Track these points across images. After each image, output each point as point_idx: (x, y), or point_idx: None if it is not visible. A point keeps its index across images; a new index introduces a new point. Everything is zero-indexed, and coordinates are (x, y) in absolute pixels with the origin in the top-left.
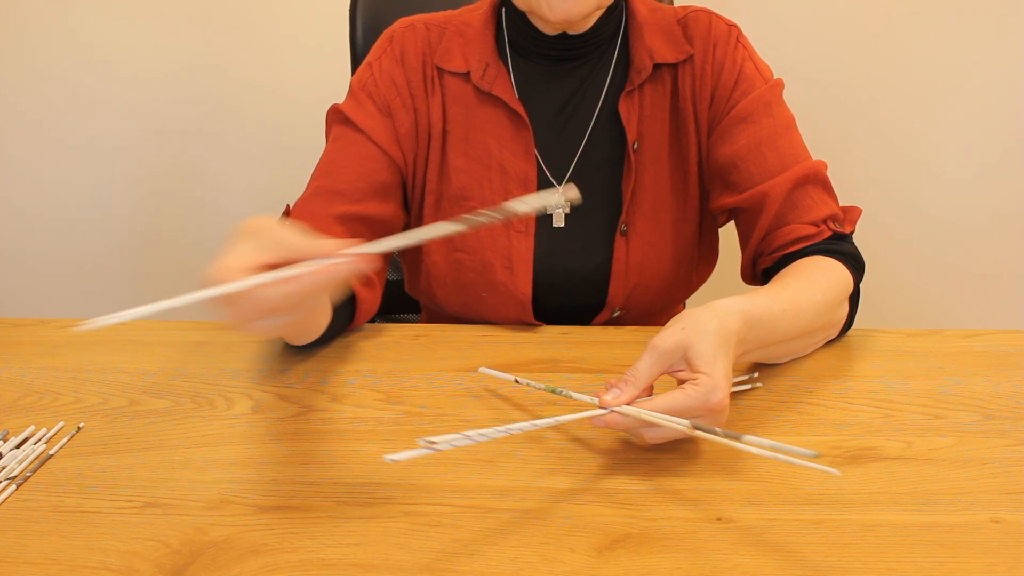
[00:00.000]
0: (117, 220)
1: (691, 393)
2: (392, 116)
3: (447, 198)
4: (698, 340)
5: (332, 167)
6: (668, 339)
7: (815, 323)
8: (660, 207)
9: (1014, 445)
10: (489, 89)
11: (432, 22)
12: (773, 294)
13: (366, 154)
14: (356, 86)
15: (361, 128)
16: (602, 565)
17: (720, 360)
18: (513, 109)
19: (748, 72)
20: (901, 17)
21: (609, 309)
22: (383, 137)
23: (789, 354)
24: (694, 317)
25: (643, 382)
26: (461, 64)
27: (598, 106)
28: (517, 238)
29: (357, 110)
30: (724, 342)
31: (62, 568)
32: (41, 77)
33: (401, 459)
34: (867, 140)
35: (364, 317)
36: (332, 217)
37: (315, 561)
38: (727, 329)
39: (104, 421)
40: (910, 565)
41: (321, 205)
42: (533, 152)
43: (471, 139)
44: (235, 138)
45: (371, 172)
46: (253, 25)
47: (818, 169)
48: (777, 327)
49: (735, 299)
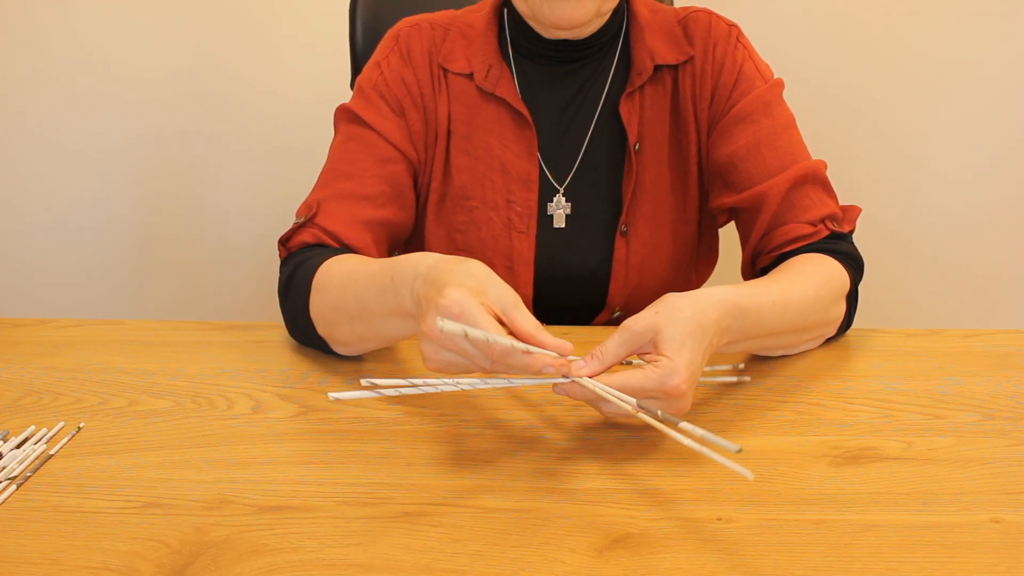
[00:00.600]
0: (117, 220)
1: (649, 374)
2: (405, 116)
3: (449, 197)
4: (668, 325)
5: (352, 169)
6: (639, 321)
7: (807, 318)
8: (660, 208)
9: (1014, 445)
10: (492, 90)
11: (436, 22)
12: (762, 285)
13: (385, 156)
14: (366, 85)
15: (376, 129)
16: (602, 565)
17: (687, 347)
18: (516, 110)
19: (748, 72)
20: (901, 17)
21: (609, 309)
22: (398, 137)
23: (782, 348)
24: (670, 302)
25: (609, 359)
26: (464, 65)
27: (599, 107)
28: (518, 238)
29: (370, 110)
30: (697, 330)
31: (62, 568)
32: (41, 78)
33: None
34: (867, 140)
35: None
36: (362, 224)
37: (315, 561)
38: (703, 317)
39: (104, 421)
40: (910, 565)
41: (349, 210)
42: (536, 153)
43: (473, 139)
44: (235, 138)
45: (392, 175)
46: (253, 25)
47: (817, 169)
48: (764, 318)
49: (722, 288)
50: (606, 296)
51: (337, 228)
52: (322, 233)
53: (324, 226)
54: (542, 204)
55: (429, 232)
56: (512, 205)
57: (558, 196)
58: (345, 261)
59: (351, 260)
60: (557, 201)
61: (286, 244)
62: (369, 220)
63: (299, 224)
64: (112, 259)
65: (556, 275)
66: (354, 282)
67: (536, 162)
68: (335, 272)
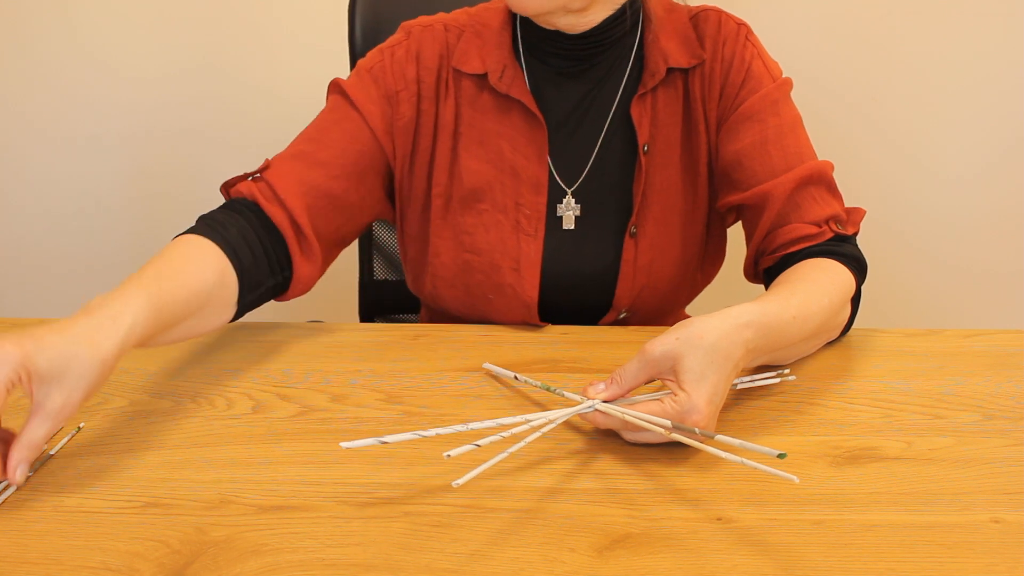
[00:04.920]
0: (117, 220)
1: (667, 408)
2: (393, 107)
3: (457, 200)
4: (688, 354)
5: (320, 135)
6: (658, 346)
7: (821, 327)
8: (670, 209)
9: (1014, 445)
10: (507, 91)
11: (452, 24)
12: (783, 300)
13: (357, 134)
14: (363, 67)
15: (358, 108)
16: (602, 565)
17: (708, 380)
18: (530, 111)
19: (756, 70)
20: (902, 17)
21: (615, 311)
22: (378, 123)
23: (793, 356)
24: (692, 328)
25: (628, 384)
26: (478, 65)
27: (612, 109)
28: (526, 241)
29: (358, 90)
30: (720, 358)
31: (62, 568)
32: (41, 78)
33: (353, 447)
34: (868, 140)
35: (297, 289)
36: (302, 186)
37: (315, 561)
38: (729, 342)
39: (104, 421)
40: (910, 565)
41: (298, 169)
42: (546, 156)
43: (484, 142)
44: (235, 138)
45: (356, 153)
46: (252, 25)
47: (823, 169)
48: (787, 333)
49: (746, 308)
50: (612, 297)
51: (278, 183)
52: (265, 186)
53: (268, 179)
54: (551, 206)
55: (434, 234)
56: (521, 208)
57: (567, 198)
58: (187, 249)
59: (182, 250)
60: (567, 203)
61: (227, 189)
62: (315, 186)
63: (248, 174)
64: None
65: (563, 277)
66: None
67: (546, 165)
68: (169, 251)
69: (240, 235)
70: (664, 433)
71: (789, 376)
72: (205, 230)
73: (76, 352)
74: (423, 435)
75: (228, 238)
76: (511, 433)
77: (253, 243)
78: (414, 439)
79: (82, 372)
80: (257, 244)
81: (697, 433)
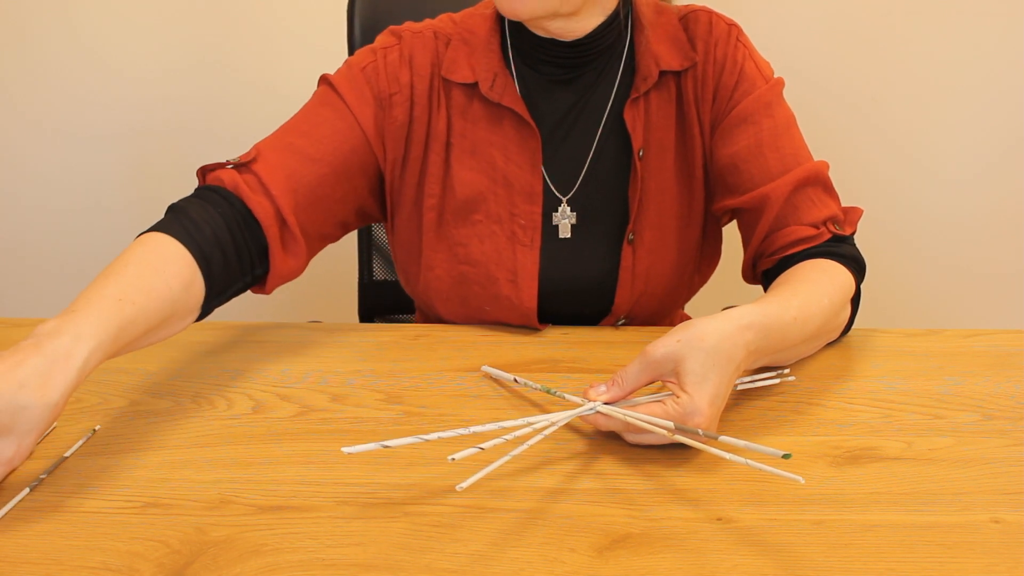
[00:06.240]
0: (117, 219)
1: (669, 410)
2: (385, 110)
3: (451, 212)
4: (690, 356)
5: (311, 130)
6: (660, 348)
7: (821, 328)
8: (666, 214)
9: (1014, 445)
10: (499, 99)
11: (440, 31)
12: (783, 301)
13: (348, 134)
14: (356, 64)
15: (350, 107)
16: (602, 565)
17: (710, 381)
18: (523, 119)
19: (749, 71)
20: (901, 17)
21: (614, 317)
22: (369, 125)
23: (794, 357)
24: (693, 329)
25: (629, 386)
26: (468, 74)
27: (604, 115)
28: (522, 252)
29: (350, 89)
30: (722, 359)
31: (62, 568)
32: (41, 76)
33: (355, 451)
34: (867, 140)
35: (276, 283)
36: (291, 180)
37: (315, 561)
38: (730, 344)
39: (104, 421)
40: (910, 565)
41: (288, 163)
42: (539, 165)
43: (476, 152)
44: (234, 136)
45: (347, 152)
46: (251, 24)
47: (819, 170)
48: (788, 334)
49: (747, 309)
50: (611, 305)
51: (267, 175)
52: (252, 178)
53: (256, 171)
54: (546, 215)
55: (428, 247)
56: (516, 218)
57: (563, 206)
58: (154, 258)
59: (150, 259)
60: (562, 211)
61: (204, 174)
62: (304, 181)
63: (230, 163)
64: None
65: (561, 286)
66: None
67: (540, 174)
68: (136, 257)
69: (213, 236)
70: (667, 435)
71: (789, 376)
72: (177, 230)
73: (25, 403)
74: (425, 439)
75: (200, 241)
76: (513, 436)
77: (226, 244)
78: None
79: (32, 424)
80: (230, 244)
81: (700, 435)
